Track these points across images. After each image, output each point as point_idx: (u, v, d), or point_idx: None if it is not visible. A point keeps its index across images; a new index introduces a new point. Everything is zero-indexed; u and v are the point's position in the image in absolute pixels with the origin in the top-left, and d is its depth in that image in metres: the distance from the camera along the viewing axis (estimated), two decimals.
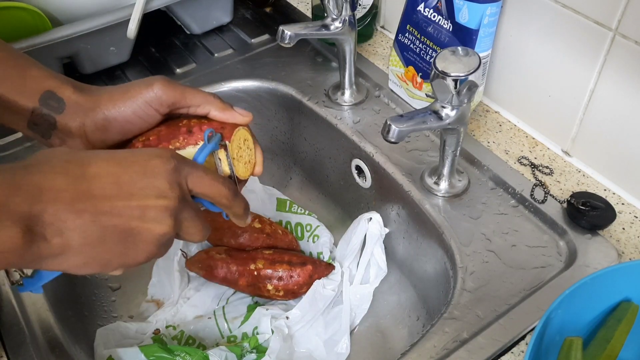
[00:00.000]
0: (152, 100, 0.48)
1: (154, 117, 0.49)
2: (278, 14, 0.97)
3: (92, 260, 0.39)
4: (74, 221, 0.37)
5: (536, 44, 0.66)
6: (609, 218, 0.61)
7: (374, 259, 0.72)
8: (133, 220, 0.40)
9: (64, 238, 0.37)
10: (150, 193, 0.40)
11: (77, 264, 0.39)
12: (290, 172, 0.89)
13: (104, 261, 0.40)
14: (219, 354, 0.64)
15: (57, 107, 0.48)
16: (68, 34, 0.75)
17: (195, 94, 0.50)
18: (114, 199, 0.39)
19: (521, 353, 0.53)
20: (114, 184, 0.39)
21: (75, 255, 0.38)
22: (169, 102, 0.49)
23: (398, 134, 0.55)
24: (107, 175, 0.39)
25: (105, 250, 0.39)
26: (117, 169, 0.40)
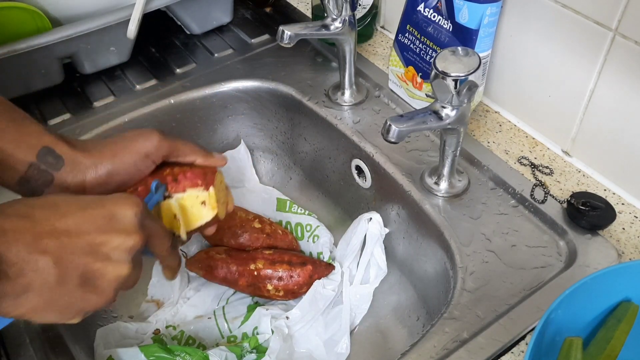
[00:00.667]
0: (151, 153, 0.52)
1: (149, 168, 0.52)
2: (278, 14, 0.97)
3: (51, 304, 0.39)
4: (36, 261, 0.38)
5: (536, 44, 0.66)
6: (609, 218, 0.61)
7: (374, 259, 0.72)
8: (96, 260, 0.40)
9: (27, 278, 0.37)
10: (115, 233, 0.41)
11: (36, 306, 0.39)
12: (290, 172, 0.90)
13: (62, 305, 0.40)
14: (219, 354, 0.64)
15: (54, 164, 0.49)
16: (68, 34, 0.75)
17: (183, 146, 0.54)
18: (77, 238, 0.39)
19: (521, 353, 0.53)
20: (78, 225, 0.40)
21: (36, 296, 0.38)
22: (164, 154, 0.52)
23: (398, 134, 0.55)
24: (72, 216, 0.40)
25: (65, 293, 0.39)
26: (82, 211, 0.41)
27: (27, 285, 0.38)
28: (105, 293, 0.41)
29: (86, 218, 0.40)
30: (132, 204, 0.43)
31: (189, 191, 0.51)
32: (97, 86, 0.82)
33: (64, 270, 0.39)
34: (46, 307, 0.39)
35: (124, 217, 0.42)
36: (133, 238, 0.42)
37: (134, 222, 0.42)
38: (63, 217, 0.40)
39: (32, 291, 0.38)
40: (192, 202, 0.51)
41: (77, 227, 0.40)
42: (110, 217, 0.41)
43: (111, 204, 0.42)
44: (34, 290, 0.38)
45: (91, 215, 0.41)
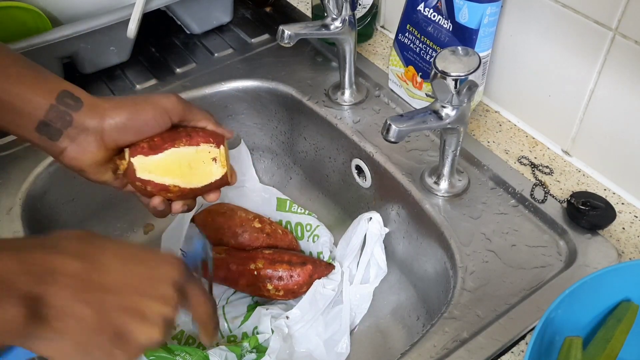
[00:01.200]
0: (169, 110, 0.52)
1: (167, 124, 0.53)
2: (278, 14, 0.97)
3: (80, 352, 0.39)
4: (80, 309, 0.38)
5: (536, 43, 0.66)
6: (609, 218, 0.61)
7: (374, 259, 0.72)
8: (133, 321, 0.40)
9: (65, 323, 0.38)
10: (154, 298, 0.41)
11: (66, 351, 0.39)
12: (290, 172, 0.90)
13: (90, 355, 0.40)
14: (219, 353, 0.64)
15: (74, 105, 0.49)
16: (68, 34, 0.75)
17: (197, 111, 0.55)
18: (120, 295, 0.40)
19: (521, 353, 0.53)
20: (123, 283, 0.40)
21: (68, 342, 0.38)
22: (181, 114, 0.53)
23: (398, 134, 0.55)
24: (118, 270, 0.40)
25: (97, 345, 0.39)
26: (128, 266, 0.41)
27: (62, 330, 0.38)
28: (132, 352, 0.41)
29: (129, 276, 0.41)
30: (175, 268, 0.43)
31: (202, 145, 0.54)
32: (97, 86, 0.82)
33: (102, 324, 0.39)
34: (74, 354, 0.39)
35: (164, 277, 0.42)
36: (170, 303, 0.42)
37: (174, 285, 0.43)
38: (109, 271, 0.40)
39: (66, 338, 0.38)
40: (204, 156, 0.54)
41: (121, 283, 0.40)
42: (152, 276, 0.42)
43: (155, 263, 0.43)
44: (68, 336, 0.38)
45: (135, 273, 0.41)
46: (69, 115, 0.49)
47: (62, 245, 0.39)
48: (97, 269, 0.40)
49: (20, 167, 0.70)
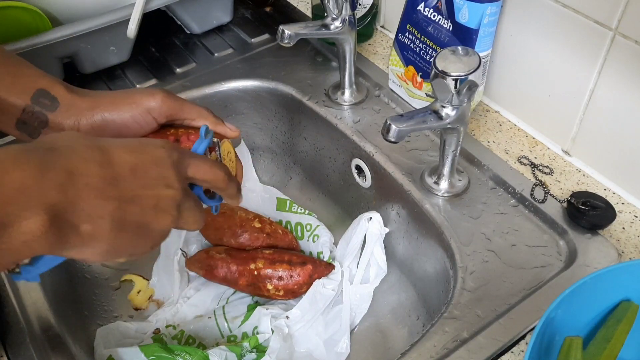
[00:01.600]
0: (153, 109, 0.50)
1: (151, 125, 0.50)
2: (278, 14, 0.97)
3: (111, 249, 0.39)
4: (104, 208, 0.37)
5: (536, 43, 0.66)
6: (609, 218, 0.61)
7: (374, 259, 0.72)
8: (149, 210, 0.40)
9: (94, 225, 0.37)
10: (161, 183, 0.40)
11: (97, 252, 0.38)
12: (290, 172, 0.90)
13: (118, 250, 0.40)
14: (219, 353, 0.64)
15: (49, 105, 0.48)
16: (68, 33, 0.75)
17: (191, 108, 0.52)
18: (135, 188, 0.39)
19: (521, 353, 0.53)
20: (133, 172, 0.39)
21: (100, 243, 0.38)
22: (167, 113, 0.50)
23: (398, 134, 0.55)
24: (126, 163, 0.39)
25: (124, 238, 0.39)
26: (133, 157, 0.40)
27: (93, 233, 0.37)
28: (153, 240, 0.41)
29: (137, 167, 0.39)
30: (168, 149, 0.42)
31: None
32: (97, 86, 0.82)
33: (124, 217, 0.38)
34: (106, 253, 0.39)
35: (165, 164, 0.41)
36: (174, 188, 0.41)
37: (172, 167, 0.41)
38: (119, 165, 0.39)
39: (96, 240, 0.37)
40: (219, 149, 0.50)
41: (132, 176, 0.39)
42: (155, 164, 0.40)
43: (152, 150, 0.41)
44: (100, 237, 0.37)
45: (140, 162, 0.40)
46: (44, 115, 0.48)
47: (68, 144, 0.38)
48: (108, 162, 0.38)
49: None
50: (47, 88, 0.48)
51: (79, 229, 0.36)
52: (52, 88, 0.48)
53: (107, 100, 0.49)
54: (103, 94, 0.50)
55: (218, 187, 0.46)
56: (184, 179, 0.43)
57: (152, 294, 0.76)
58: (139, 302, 0.75)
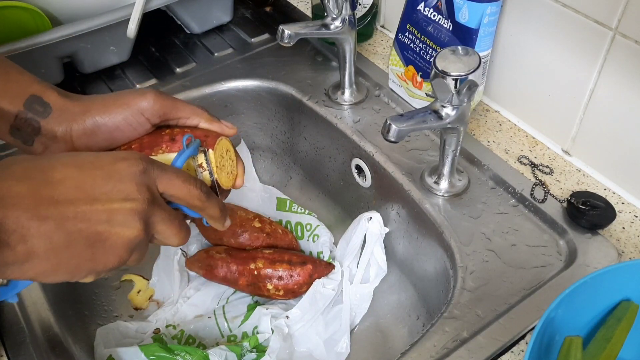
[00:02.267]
0: (145, 110, 0.49)
1: (144, 126, 0.49)
2: (278, 14, 0.97)
3: (59, 267, 0.38)
4: (38, 228, 0.36)
5: (536, 43, 0.66)
6: (609, 217, 0.61)
7: (374, 259, 0.72)
8: (100, 224, 0.39)
9: (29, 245, 0.36)
10: (115, 196, 0.39)
11: (44, 270, 0.38)
12: (290, 172, 0.90)
13: (71, 267, 0.39)
14: (219, 353, 0.64)
15: (42, 112, 0.47)
16: (68, 33, 0.75)
17: (184, 106, 0.51)
18: (78, 204, 0.38)
19: (521, 352, 0.53)
20: (78, 189, 0.38)
21: (42, 262, 0.37)
22: (160, 113, 0.49)
23: (398, 134, 0.55)
24: (70, 180, 0.38)
25: (73, 256, 0.38)
26: (80, 174, 0.39)
27: (30, 252, 0.36)
28: (116, 253, 0.40)
29: (84, 183, 0.39)
30: (131, 159, 0.40)
31: None
32: (97, 86, 0.82)
33: (68, 235, 0.37)
34: (55, 269, 0.38)
35: (122, 174, 0.40)
36: (134, 200, 0.39)
37: (134, 179, 0.40)
38: (60, 183, 0.38)
39: (37, 257, 0.37)
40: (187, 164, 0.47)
41: (76, 193, 0.38)
42: (108, 176, 0.39)
43: (109, 164, 0.40)
44: (39, 256, 0.37)
45: (89, 177, 0.39)
46: (36, 122, 0.47)
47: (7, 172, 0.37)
48: (47, 183, 0.37)
49: None
50: (40, 94, 0.48)
51: (15, 249, 0.36)
52: (45, 94, 0.48)
53: (99, 103, 0.49)
54: (95, 97, 0.50)
55: (193, 206, 0.44)
56: (151, 192, 0.41)
57: (152, 293, 0.76)
58: (139, 302, 0.75)
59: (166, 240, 0.43)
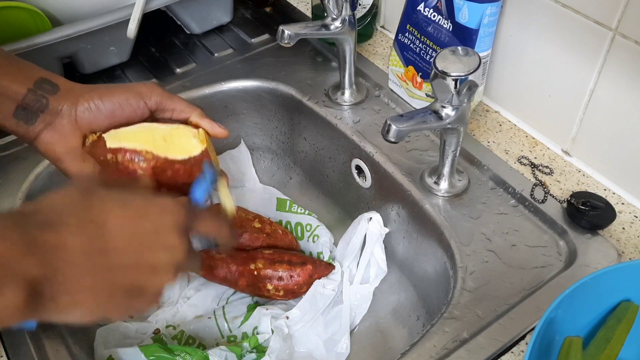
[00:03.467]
0: (144, 93, 0.52)
1: (143, 110, 0.52)
2: (278, 14, 0.97)
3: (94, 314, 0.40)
4: (85, 281, 0.38)
5: (536, 43, 0.66)
6: (609, 218, 0.61)
7: (374, 259, 0.72)
8: (143, 276, 0.41)
9: (74, 297, 0.38)
10: (161, 248, 0.42)
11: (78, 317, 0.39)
12: (290, 172, 0.90)
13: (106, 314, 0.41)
14: (219, 353, 0.64)
15: (51, 90, 0.50)
16: (68, 34, 0.75)
17: (180, 100, 0.54)
18: (130, 256, 0.40)
19: (521, 353, 0.53)
20: (129, 242, 0.40)
21: (82, 309, 0.39)
22: (157, 99, 0.52)
23: (398, 134, 0.55)
24: (122, 234, 0.40)
25: (111, 304, 0.40)
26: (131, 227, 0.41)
27: (72, 303, 0.38)
28: (151, 300, 0.42)
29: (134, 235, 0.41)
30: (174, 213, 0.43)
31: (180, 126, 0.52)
32: None
33: (112, 287, 0.39)
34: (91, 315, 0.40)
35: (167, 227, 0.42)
36: (177, 250, 0.43)
37: (177, 231, 0.43)
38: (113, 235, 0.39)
39: (78, 308, 0.39)
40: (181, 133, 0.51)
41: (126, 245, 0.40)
42: (156, 230, 0.42)
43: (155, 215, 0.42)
44: (80, 307, 0.39)
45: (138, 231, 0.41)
46: (45, 98, 0.49)
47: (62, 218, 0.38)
48: (100, 236, 0.39)
49: (20, 167, 0.70)
50: (49, 77, 0.51)
51: (58, 301, 0.37)
52: (53, 77, 0.51)
53: (103, 86, 0.52)
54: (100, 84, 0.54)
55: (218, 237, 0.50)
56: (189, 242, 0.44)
57: None
58: None
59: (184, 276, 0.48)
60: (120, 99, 0.51)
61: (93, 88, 0.51)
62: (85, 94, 0.51)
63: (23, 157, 0.71)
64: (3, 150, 0.73)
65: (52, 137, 0.50)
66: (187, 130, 0.51)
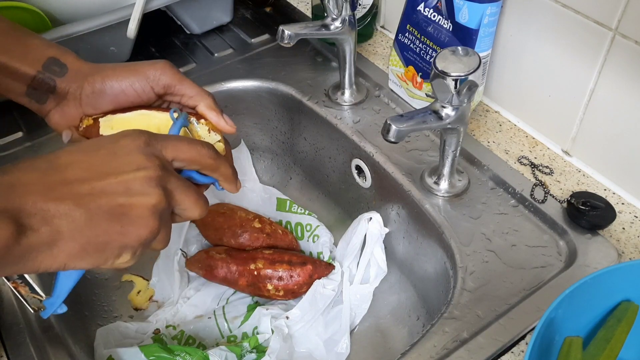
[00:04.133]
0: (151, 78, 0.50)
1: (149, 94, 0.51)
2: (278, 14, 0.97)
3: (89, 246, 0.38)
4: (56, 208, 0.37)
5: (536, 44, 0.66)
6: (609, 218, 0.61)
7: (374, 259, 0.72)
8: (118, 196, 0.39)
9: (53, 226, 0.36)
10: (127, 169, 0.39)
11: (74, 252, 0.38)
12: (290, 172, 0.90)
13: (102, 245, 0.39)
14: (219, 353, 0.64)
15: (59, 72, 0.50)
16: (68, 34, 0.75)
17: (192, 85, 0.52)
18: (90, 181, 0.38)
19: (521, 353, 0.53)
20: (86, 169, 0.39)
21: (69, 242, 0.37)
22: (165, 83, 0.51)
23: (398, 134, 0.55)
24: (77, 162, 0.39)
25: (100, 232, 0.38)
26: (85, 156, 0.40)
27: (55, 232, 0.37)
28: (144, 222, 0.39)
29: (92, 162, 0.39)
30: (131, 135, 0.41)
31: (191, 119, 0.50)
32: None
33: (89, 211, 0.38)
34: (85, 250, 0.38)
35: (127, 150, 0.40)
36: (146, 168, 0.40)
37: (140, 151, 0.40)
38: (68, 166, 0.39)
39: (63, 238, 0.37)
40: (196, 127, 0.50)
41: (86, 172, 0.39)
42: (114, 153, 0.40)
43: (111, 143, 0.41)
44: (64, 236, 0.37)
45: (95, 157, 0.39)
46: (52, 80, 0.49)
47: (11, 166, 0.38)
48: (54, 169, 0.38)
49: None
50: (58, 56, 0.50)
51: (39, 231, 0.36)
52: (62, 56, 0.50)
53: (110, 68, 0.51)
54: (109, 64, 0.52)
55: (207, 166, 0.45)
56: (161, 160, 0.41)
57: (152, 294, 0.76)
58: (139, 303, 0.75)
59: (187, 212, 0.43)
60: (125, 84, 0.50)
61: (100, 69, 0.51)
62: (90, 77, 0.50)
63: (23, 157, 0.71)
64: (3, 150, 0.73)
65: (60, 117, 0.51)
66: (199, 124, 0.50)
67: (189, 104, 0.52)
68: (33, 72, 0.49)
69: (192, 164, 0.44)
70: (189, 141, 0.44)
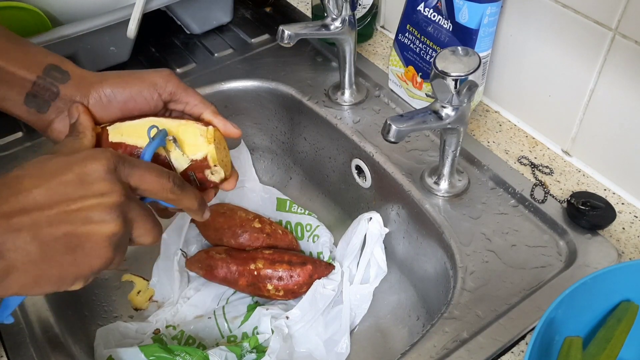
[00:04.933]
0: (158, 85, 0.50)
1: (157, 102, 0.51)
2: (278, 14, 0.97)
3: (41, 279, 0.38)
4: (13, 241, 0.36)
5: (536, 43, 0.66)
6: (609, 218, 0.61)
7: (374, 259, 0.72)
8: (76, 225, 0.38)
9: (7, 260, 0.36)
10: (89, 194, 0.39)
11: (26, 284, 0.37)
12: (290, 172, 0.90)
13: (54, 277, 0.38)
14: (219, 353, 0.64)
15: (60, 78, 0.48)
16: (68, 33, 0.75)
17: (195, 94, 0.52)
18: (51, 208, 0.38)
19: (521, 353, 0.53)
20: (49, 196, 0.38)
21: (22, 275, 0.37)
22: (170, 90, 0.51)
23: (398, 134, 0.55)
24: (39, 188, 0.38)
25: (53, 265, 0.38)
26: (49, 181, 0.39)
27: (9, 267, 0.36)
28: (100, 253, 0.39)
29: (54, 188, 0.38)
30: (100, 159, 0.40)
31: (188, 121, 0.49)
32: None
33: (45, 244, 0.37)
34: (37, 281, 0.38)
35: (93, 176, 0.39)
36: (110, 195, 0.39)
37: (106, 177, 0.39)
38: (29, 192, 0.38)
39: (16, 271, 0.37)
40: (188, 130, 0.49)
41: (47, 199, 0.38)
42: (80, 179, 0.39)
43: (78, 165, 0.40)
44: (18, 270, 0.37)
45: (59, 183, 0.39)
46: (55, 87, 0.48)
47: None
48: (15, 194, 0.37)
49: None
50: (58, 63, 0.49)
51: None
52: (62, 63, 0.49)
53: (115, 75, 0.50)
54: (111, 71, 0.51)
55: (167, 199, 0.44)
56: (124, 187, 0.41)
57: (152, 294, 0.76)
58: (139, 303, 0.75)
59: (142, 238, 0.43)
60: (134, 91, 0.49)
61: (105, 77, 0.50)
62: (97, 84, 0.49)
63: (23, 157, 0.71)
64: (3, 150, 0.73)
65: (64, 125, 0.49)
66: (194, 127, 0.49)
67: (194, 112, 0.52)
68: (32, 77, 0.47)
69: (153, 196, 0.44)
70: (158, 173, 0.43)
